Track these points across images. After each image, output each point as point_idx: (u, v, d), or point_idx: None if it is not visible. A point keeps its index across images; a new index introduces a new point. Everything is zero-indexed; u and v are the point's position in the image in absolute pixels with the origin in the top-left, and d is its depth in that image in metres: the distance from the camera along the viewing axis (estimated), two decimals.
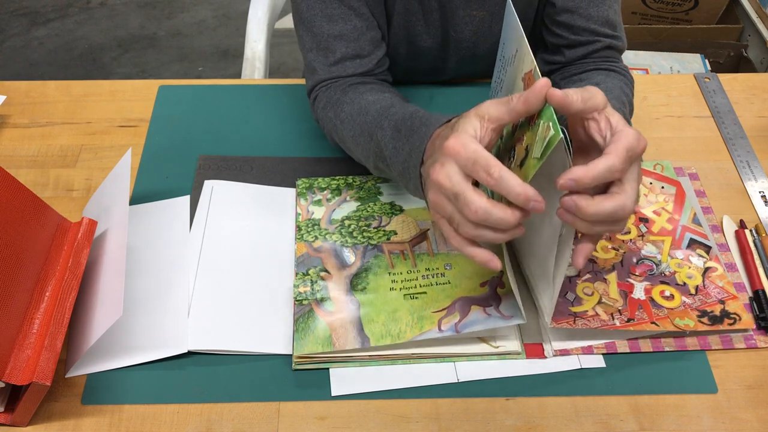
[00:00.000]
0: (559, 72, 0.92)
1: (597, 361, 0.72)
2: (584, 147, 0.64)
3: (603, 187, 0.61)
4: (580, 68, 0.90)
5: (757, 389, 0.70)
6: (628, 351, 0.72)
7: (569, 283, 0.76)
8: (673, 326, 0.72)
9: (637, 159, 0.60)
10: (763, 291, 0.76)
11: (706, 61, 1.77)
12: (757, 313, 0.75)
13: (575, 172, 0.57)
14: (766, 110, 0.99)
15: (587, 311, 0.73)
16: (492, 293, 0.74)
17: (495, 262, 0.61)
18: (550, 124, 0.54)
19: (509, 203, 0.58)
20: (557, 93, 0.58)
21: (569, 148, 0.57)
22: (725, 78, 1.04)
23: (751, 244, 0.81)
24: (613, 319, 0.73)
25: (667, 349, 0.72)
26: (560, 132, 0.54)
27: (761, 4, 1.79)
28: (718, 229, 0.83)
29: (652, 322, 0.72)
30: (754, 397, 0.69)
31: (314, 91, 0.89)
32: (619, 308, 0.74)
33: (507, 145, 0.66)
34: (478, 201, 0.58)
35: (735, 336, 0.73)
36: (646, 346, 0.72)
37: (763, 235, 0.82)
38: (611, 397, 0.69)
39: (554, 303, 0.69)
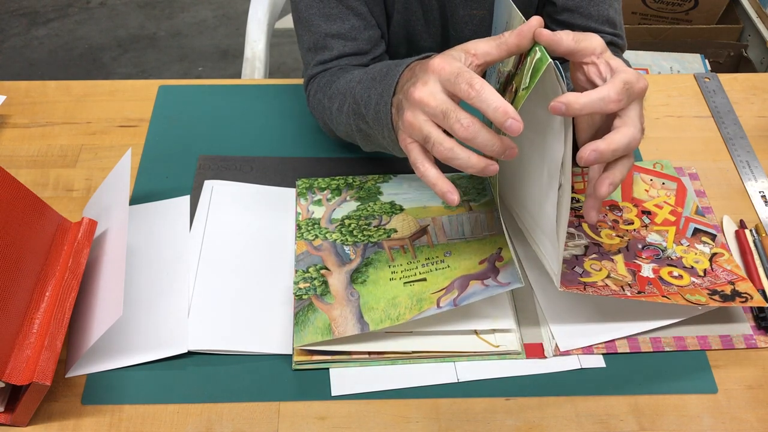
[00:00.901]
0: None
1: (597, 361, 0.72)
2: None
3: (606, 129, 0.60)
4: None
5: (757, 389, 0.70)
6: (628, 351, 0.72)
7: (575, 260, 0.76)
8: (684, 300, 0.71)
9: (636, 96, 0.59)
10: (763, 291, 0.76)
11: (706, 61, 1.77)
12: (757, 313, 0.75)
13: (567, 96, 0.55)
14: (766, 110, 0.99)
15: (597, 282, 0.73)
16: (491, 267, 0.74)
17: (453, 195, 0.60)
18: (538, 49, 0.53)
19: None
20: (545, 31, 0.57)
21: (562, 76, 0.57)
22: (725, 78, 1.04)
23: (751, 244, 0.81)
24: (624, 290, 0.72)
25: (667, 349, 0.72)
26: (548, 57, 0.52)
27: (761, 4, 1.79)
28: (718, 229, 0.83)
29: (663, 296, 0.72)
30: (754, 397, 0.69)
31: (309, 85, 0.89)
32: (629, 282, 0.73)
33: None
34: (470, 116, 0.56)
35: (735, 336, 0.73)
36: (646, 346, 0.72)
37: (763, 235, 0.82)
38: (611, 397, 0.69)
39: (560, 261, 0.68)
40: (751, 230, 0.82)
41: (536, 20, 0.58)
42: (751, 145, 0.94)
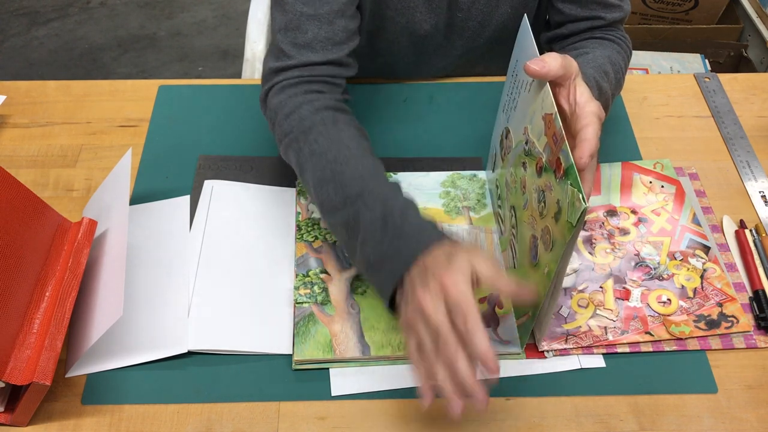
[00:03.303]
0: (558, 42, 0.94)
1: (597, 361, 0.72)
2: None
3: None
4: (578, 38, 0.91)
5: (757, 389, 0.70)
6: (628, 351, 0.72)
7: (564, 295, 0.76)
8: (668, 334, 0.72)
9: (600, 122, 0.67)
10: (763, 291, 0.76)
11: (706, 61, 1.77)
12: (757, 313, 0.75)
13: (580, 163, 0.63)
14: (766, 110, 0.99)
15: (580, 327, 0.73)
16: (491, 312, 0.74)
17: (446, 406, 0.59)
18: (581, 196, 0.57)
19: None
20: (532, 67, 0.65)
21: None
22: (725, 78, 1.04)
23: (751, 244, 0.81)
24: (606, 333, 0.72)
25: (667, 349, 0.72)
26: (586, 202, 0.57)
27: (761, 4, 1.79)
28: (718, 229, 0.83)
29: (647, 332, 0.72)
30: (754, 397, 0.69)
31: (274, 79, 0.81)
32: (613, 319, 0.73)
33: (532, 185, 0.68)
34: (454, 351, 0.57)
35: (735, 336, 0.73)
36: (646, 346, 0.72)
37: (763, 235, 0.82)
38: (611, 397, 0.69)
39: (544, 332, 0.71)
40: (751, 230, 0.82)
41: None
42: (751, 145, 0.94)
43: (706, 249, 0.80)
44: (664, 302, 0.75)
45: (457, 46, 0.98)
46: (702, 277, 0.77)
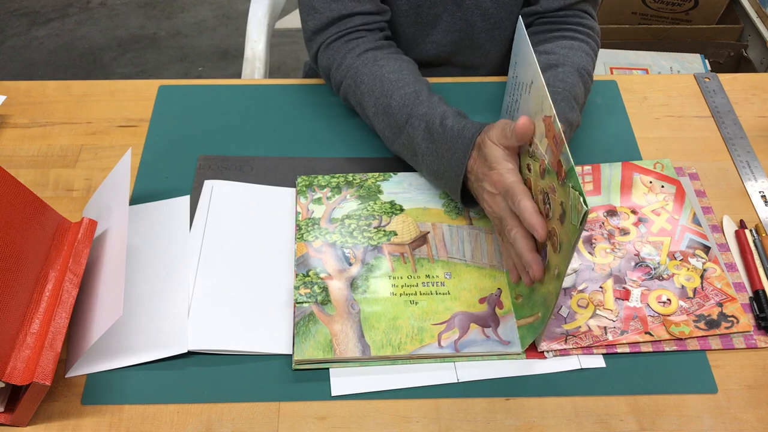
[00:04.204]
0: (533, 26, 0.98)
1: (597, 361, 0.72)
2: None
3: None
4: (550, 29, 0.95)
5: (757, 389, 0.70)
6: (628, 351, 0.72)
7: (564, 295, 0.76)
8: (668, 334, 0.72)
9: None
10: (763, 291, 0.76)
11: (706, 61, 1.77)
12: (757, 313, 0.75)
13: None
14: (766, 110, 0.99)
15: (579, 327, 0.73)
16: (491, 313, 0.74)
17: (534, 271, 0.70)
18: (581, 200, 0.59)
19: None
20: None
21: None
22: (725, 78, 1.04)
23: (751, 244, 0.81)
24: (606, 333, 0.72)
25: (667, 349, 0.72)
26: (587, 205, 0.59)
27: (761, 4, 1.79)
28: (718, 229, 0.83)
29: (647, 332, 0.72)
30: (754, 397, 0.69)
31: (317, 40, 0.92)
32: (613, 319, 0.73)
33: (537, 187, 0.70)
34: (514, 232, 0.71)
35: (735, 336, 0.73)
36: (646, 346, 0.72)
37: (763, 235, 0.82)
38: (611, 397, 0.69)
39: (544, 332, 0.71)
40: (751, 230, 0.82)
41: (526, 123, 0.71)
42: (751, 145, 0.94)
43: (707, 249, 0.80)
44: (664, 302, 0.75)
45: (456, 19, 1.00)
46: (702, 277, 0.77)
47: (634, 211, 0.84)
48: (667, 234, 0.81)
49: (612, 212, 0.83)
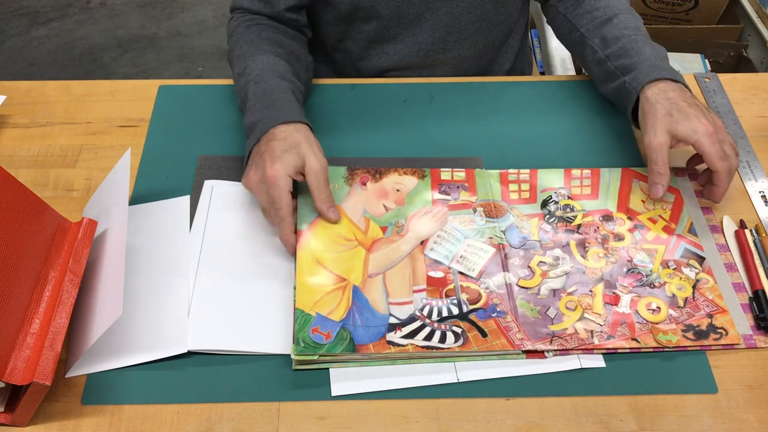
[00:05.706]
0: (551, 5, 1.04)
1: (597, 361, 0.72)
2: None
3: None
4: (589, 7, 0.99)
5: (757, 389, 0.70)
6: (628, 351, 0.72)
7: (553, 296, 0.76)
8: (654, 342, 0.72)
9: None
10: (763, 291, 0.76)
11: (706, 61, 1.77)
12: (757, 313, 0.75)
13: None
14: (766, 110, 0.99)
15: (566, 329, 0.73)
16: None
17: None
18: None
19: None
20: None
21: None
22: (725, 78, 1.04)
23: (751, 244, 0.81)
24: (592, 336, 0.72)
25: (666, 349, 0.72)
26: None
27: (761, 4, 1.79)
28: (718, 229, 0.83)
29: (633, 339, 0.72)
30: (754, 397, 0.69)
31: (231, 15, 1.00)
32: (600, 324, 0.73)
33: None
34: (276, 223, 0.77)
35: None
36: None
37: (763, 235, 0.82)
38: (611, 397, 0.69)
39: None
40: (751, 230, 0.82)
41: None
42: (751, 145, 0.94)
43: (701, 259, 0.79)
44: (654, 310, 0.75)
45: (441, 14, 1.00)
46: (694, 287, 0.77)
47: (630, 218, 0.83)
48: (662, 242, 0.81)
49: (608, 217, 0.83)
